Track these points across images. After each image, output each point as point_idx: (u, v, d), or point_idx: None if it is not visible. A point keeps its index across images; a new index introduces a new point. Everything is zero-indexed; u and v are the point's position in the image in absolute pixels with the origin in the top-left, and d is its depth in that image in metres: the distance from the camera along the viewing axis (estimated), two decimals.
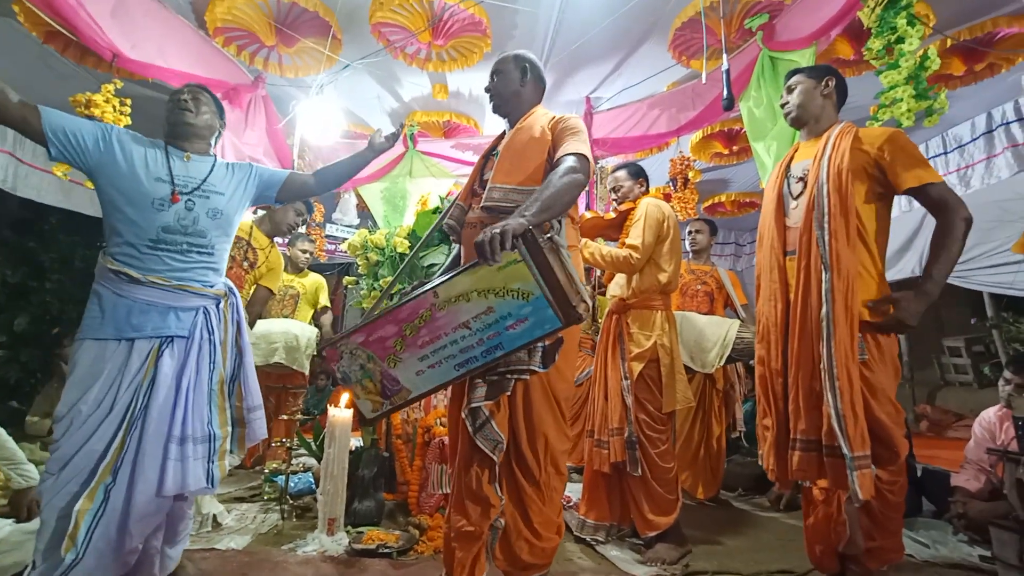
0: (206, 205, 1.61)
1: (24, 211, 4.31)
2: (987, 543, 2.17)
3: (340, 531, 2.18)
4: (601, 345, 2.33)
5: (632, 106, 3.68)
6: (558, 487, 1.52)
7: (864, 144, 1.61)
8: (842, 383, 1.46)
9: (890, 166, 1.57)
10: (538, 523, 1.45)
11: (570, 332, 1.48)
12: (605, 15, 2.93)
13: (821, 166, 1.62)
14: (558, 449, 1.49)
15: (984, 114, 3.61)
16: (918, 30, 1.91)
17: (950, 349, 5.92)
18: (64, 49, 2.76)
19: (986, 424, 2.58)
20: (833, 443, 1.46)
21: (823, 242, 1.56)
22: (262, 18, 2.96)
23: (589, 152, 1.50)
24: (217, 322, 1.63)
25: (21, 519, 2.23)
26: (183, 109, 1.66)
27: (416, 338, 1.28)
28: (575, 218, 1.64)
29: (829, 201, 1.57)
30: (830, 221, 1.55)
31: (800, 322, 1.59)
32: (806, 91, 1.76)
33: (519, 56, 1.72)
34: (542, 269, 1.16)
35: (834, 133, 1.67)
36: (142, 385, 1.48)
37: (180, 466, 1.47)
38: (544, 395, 1.46)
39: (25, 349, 4.14)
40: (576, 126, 1.56)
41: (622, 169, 2.45)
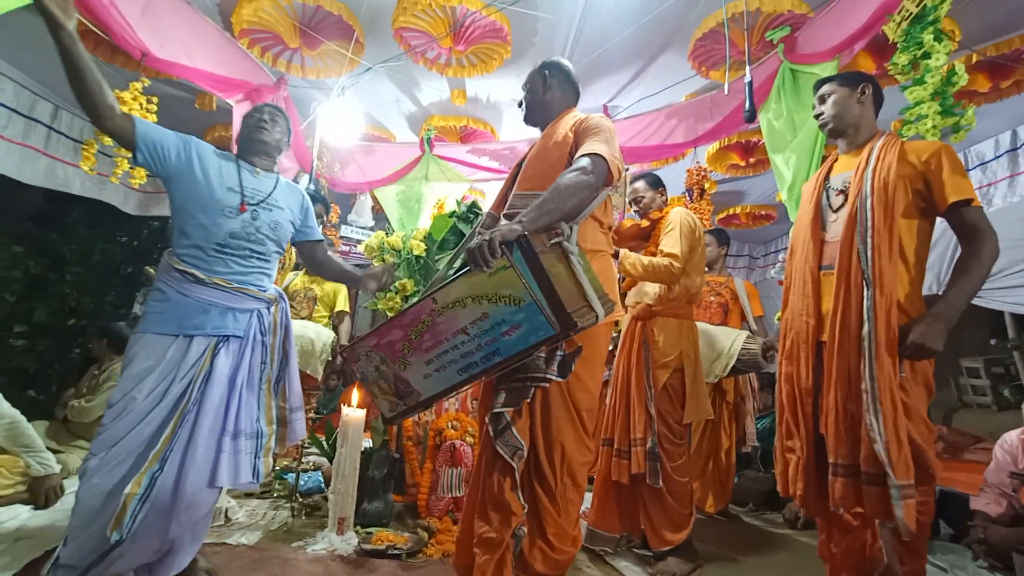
0: (269, 217, 1.73)
1: (47, 204, 4.39)
2: (1008, 570, 2.11)
3: (350, 531, 2.19)
4: (624, 352, 2.28)
5: (650, 115, 3.68)
6: (575, 499, 1.47)
7: (910, 156, 1.55)
8: (885, 407, 1.40)
9: (936, 180, 1.51)
10: (552, 534, 1.43)
11: (593, 341, 1.46)
12: (626, 24, 2.94)
13: (864, 178, 1.55)
14: (576, 460, 1.45)
15: (1009, 131, 3.56)
16: (945, 45, 1.89)
17: (968, 370, 5.80)
18: (95, 48, 2.82)
19: (1008, 447, 2.52)
20: (873, 470, 1.40)
21: (866, 257, 1.49)
22: (287, 20, 3.01)
23: (610, 152, 1.42)
24: (268, 325, 1.73)
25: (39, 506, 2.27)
26: (261, 127, 1.79)
27: (420, 342, 1.30)
28: (603, 221, 1.57)
29: (873, 215, 1.50)
30: (874, 236, 1.49)
31: (839, 340, 1.52)
32: (841, 100, 1.68)
33: (542, 64, 1.73)
34: (535, 275, 1.15)
35: (878, 144, 1.60)
36: (197, 379, 1.55)
37: (233, 459, 1.55)
38: (563, 404, 1.43)
39: (43, 339, 4.21)
40: (598, 125, 1.50)
41: (640, 180, 2.43)
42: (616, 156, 1.45)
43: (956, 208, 1.50)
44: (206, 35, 2.91)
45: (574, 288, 1.21)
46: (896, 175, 1.52)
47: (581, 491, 1.50)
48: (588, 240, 1.48)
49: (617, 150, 1.48)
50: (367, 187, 4.44)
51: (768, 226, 5.44)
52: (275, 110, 1.86)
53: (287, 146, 1.92)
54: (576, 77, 1.75)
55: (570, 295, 1.18)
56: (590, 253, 1.45)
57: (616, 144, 1.50)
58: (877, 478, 1.40)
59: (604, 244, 1.57)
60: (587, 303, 1.21)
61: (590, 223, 1.51)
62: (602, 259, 1.53)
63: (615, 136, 1.52)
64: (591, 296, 1.22)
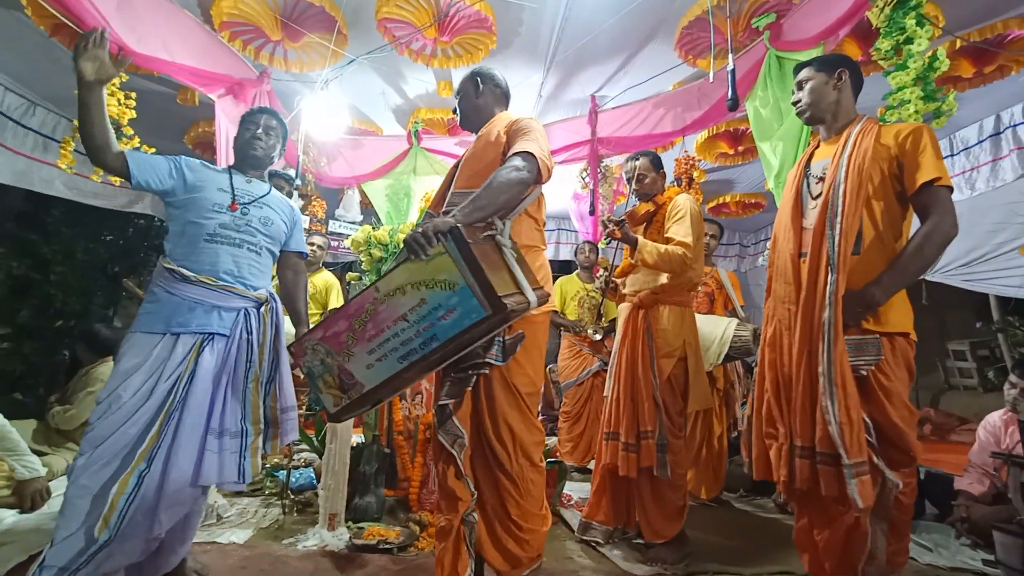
0: (260, 213, 1.78)
1: (27, 204, 4.32)
2: (990, 547, 2.16)
3: (341, 526, 2.19)
4: (625, 342, 2.22)
5: (637, 105, 3.67)
6: (535, 479, 1.54)
7: (886, 139, 1.54)
8: (839, 389, 1.42)
9: (910, 160, 1.49)
10: (516, 515, 1.49)
11: (532, 329, 1.54)
12: (611, 13, 2.92)
13: (840, 165, 1.55)
14: (527, 440, 1.52)
15: (992, 116, 3.58)
16: (927, 31, 1.90)
17: (954, 353, 5.89)
18: (71, 42, 2.76)
19: (991, 428, 2.57)
20: (828, 450, 1.43)
21: (832, 243, 1.50)
22: (268, 12, 2.96)
23: (540, 150, 1.50)
24: (257, 324, 1.72)
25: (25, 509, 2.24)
26: (255, 142, 1.84)
27: (364, 332, 1.33)
28: (537, 218, 1.65)
29: (844, 202, 1.49)
30: (843, 222, 1.48)
31: (800, 325, 1.54)
32: (818, 86, 1.66)
33: (472, 72, 1.83)
34: (467, 261, 1.21)
35: (855, 130, 1.59)
36: (182, 378, 1.56)
37: (217, 458, 1.55)
38: (505, 387, 1.51)
39: (28, 341, 4.15)
40: (527, 126, 1.58)
41: (643, 158, 2.34)
42: (546, 154, 1.53)
43: (922, 188, 1.48)
44: (186, 29, 2.86)
45: (507, 276, 1.28)
46: (871, 160, 1.51)
47: (540, 471, 1.56)
48: (523, 236, 1.57)
49: (547, 149, 1.56)
50: (354, 181, 4.40)
51: (758, 214, 5.46)
52: (271, 118, 1.89)
53: (281, 152, 1.95)
54: (505, 83, 1.85)
55: (501, 281, 1.23)
56: (525, 248, 1.52)
57: (546, 143, 1.58)
58: (831, 458, 1.42)
59: (539, 240, 1.65)
60: (519, 290, 1.28)
61: (525, 220, 1.60)
62: (536, 254, 1.60)
63: (545, 136, 1.60)
64: (523, 284, 1.29)
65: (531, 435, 1.54)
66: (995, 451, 2.46)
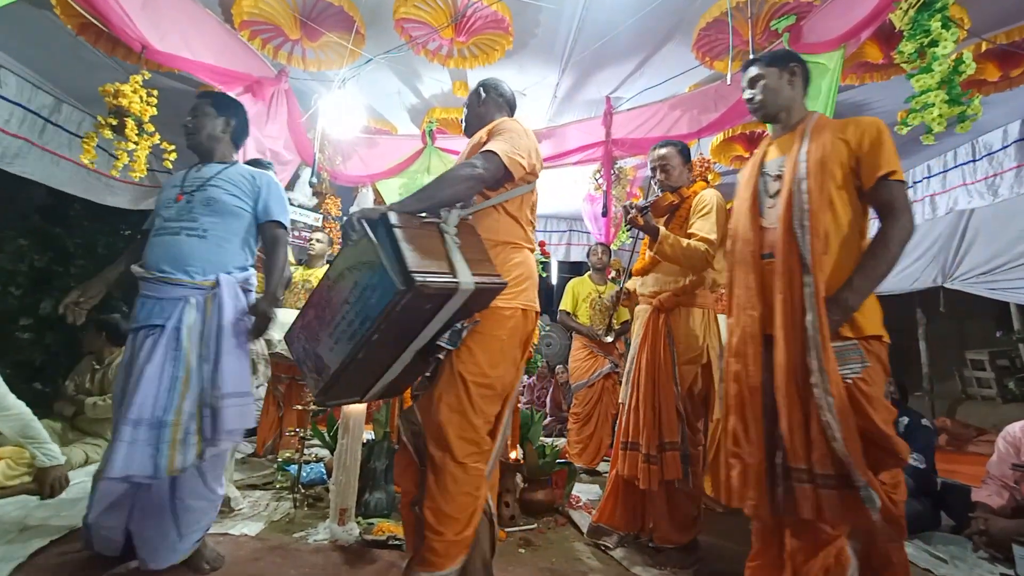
0: (203, 196, 1.79)
1: (50, 198, 4.41)
2: (1008, 561, 2.11)
3: (351, 521, 2.20)
4: (646, 346, 2.12)
5: (653, 106, 3.65)
6: (459, 478, 1.42)
7: (844, 134, 1.50)
8: (838, 400, 1.34)
9: (868, 155, 1.45)
10: (428, 508, 1.41)
11: (492, 318, 1.50)
12: (629, 14, 2.91)
13: (799, 160, 1.50)
14: (451, 431, 1.43)
15: (1018, 121, 3.51)
16: (953, 33, 1.86)
17: (973, 362, 5.78)
18: (96, 40, 2.82)
19: (1011, 439, 2.51)
20: (829, 471, 1.34)
21: (803, 242, 1.43)
22: (287, 12, 2.99)
23: (508, 149, 1.51)
24: (197, 313, 1.70)
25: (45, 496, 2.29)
26: (186, 131, 1.89)
27: (324, 316, 1.39)
28: (518, 216, 1.62)
29: (810, 197, 1.45)
30: (811, 219, 1.43)
31: (784, 331, 1.45)
32: (772, 82, 1.62)
33: (479, 83, 1.87)
34: (388, 241, 1.26)
35: (811, 125, 1.56)
36: (122, 372, 1.71)
37: (128, 449, 1.55)
38: (449, 372, 1.47)
39: (49, 332, 4.24)
40: (503, 128, 1.59)
41: (670, 146, 2.23)
42: (517, 153, 1.52)
43: (879, 182, 1.44)
44: (207, 27, 2.90)
45: (437, 258, 1.30)
46: (832, 154, 1.47)
47: (465, 469, 1.43)
48: (500, 232, 1.58)
49: (523, 148, 1.55)
50: (369, 180, 4.43)
51: None
52: (202, 100, 1.92)
53: (235, 131, 1.95)
54: (511, 93, 1.86)
55: (425, 261, 1.26)
56: (499, 243, 1.56)
57: (523, 143, 1.56)
58: (836, 480, 1.32)
59: (520, 238, 1.62)
60: (449, 272, 1.29)
61: (500, 215, 1.59)
62: (512, 250, 1.59)
63: (523, 137, 1.59)
64: (458, 268, 1.31)
65: (460, 428, 1.44)
66: (1015, 463, 2.40)
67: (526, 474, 2.60)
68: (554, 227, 6.44)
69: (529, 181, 1.64)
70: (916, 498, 2.53)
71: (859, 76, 3.00)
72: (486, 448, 1.50)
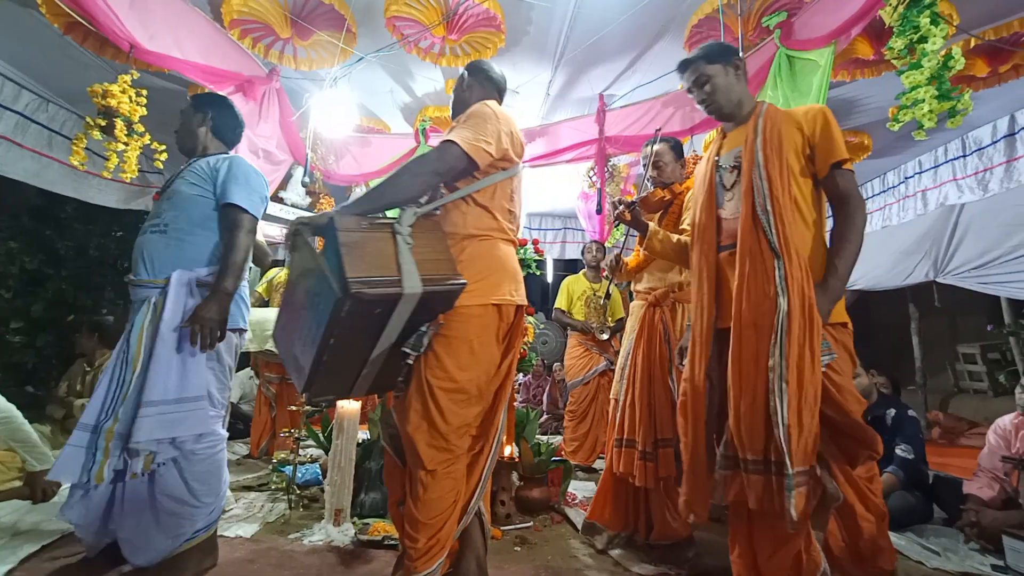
0: (168, 191, 1.79)
1: (41, 199, 4.37)
2: (999, 552, 2.13)
3: (346, 522, 2.20)
4: (641, 342, 2.11)
5: (646, 104, 3.65)
6: (428, 485, 1.37)
7: (796, 122, 1.49)
8: (791, 387, 1.30)
9: (821, 142, 1.46)
10: (406, 513, 1.39)
11: (458, 320, 1.42)
12: (621, 11, 2.91)
13: (756, 149, 1.48)
14: (419, 438, 1.37)
15: (1007, 116, 3.53)
16: (942, 29, 1.87)
17: (965, 356, 5.83)
18: (84, 40, 2.79)
19: (1001, 432, 2.54)
20: (759, 456, 1.32)
21: (770, 227, 1.40)
22: (278, 10, 2.97)
23: (470, 136, 1.43)
24: (152, 313, 1.63)
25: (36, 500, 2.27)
26: (176, 135, 1.95)
27: (292, 319, 1.42)
28: (489, 206, 1.52)
29: (770, 184, 1.43)
30: (774, 204, 1.41)
31: (743, 321, 1.41)
32: (722, 81, 1.57)
33: (464, 67, 1.80)
34: (330, 249, 1.26)
35: (762, 114, 1.53)
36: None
37: (69, 452, 1.54)
38: (417, 379, 1.42)
39: (41, 335, 4.21)
40: (471, 113, 1.51)
41: (663, 143, 2.20)
42: (481, 139, 1.43)
43: (833, 171, 1.46)
44: (196, 26, 2.88)
45: (382, 262, 1.27)
46: (787, 142, 1.47)
47: (435, 477, 1.38)
48: (468, 224, 1.50)
49: (489, 133, 1.46)
50: (362, 179, 4.41)
51: None
52: (184, 108, 1.96)
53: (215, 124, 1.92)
54: (500, 77, 1.78)
55: (368, 266, 1.23)
56: (467, 238, 1.48)
57: (491, 127, 1.47)
58: (764, 465, 1.32)
59: (491, 228, 1.52)
60: (396, 276, 1.27)
61: (469, 207, 1.50)
62: (484, 243, 1.50)
63: (491, 121, 1.48)
64: (406, 271, 1.28)
65: (427, 435, 1.38)
66: (1005, 455, 2.43)
67: (522, 472, 2.61)
68: (549, 225, 6.44)
69: (504, 168, 1.54)
70: (908, 490, 2.55)
71: (850, 72, 3.01)
72: (460, 453, 1.42)
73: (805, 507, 1.27)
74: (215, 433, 1.72)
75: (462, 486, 1.44)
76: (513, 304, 1.52)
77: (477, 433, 1.49)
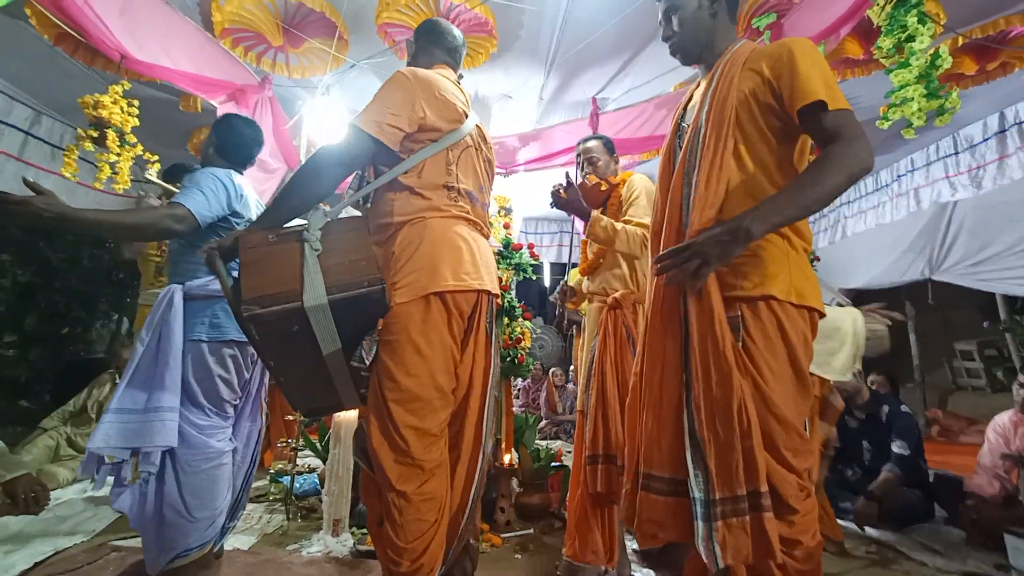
0: None
1: None
2: (1001, 551, 2.13)
3: (345, 532, 2.18)
4: (604, 350, 1.95)
5: (639, 106, 3.66)
6: (401, 508, 1.22)
7: (756, 63, 1.14)
8: (700, 387, 1.04)
9: (787, 82, 1.08)
10: (384, 534, 1.26)
11: (396, 323, 1.28)
12: (612, 14, 2.92)
13: (704, 104, 1.18)
14: (380, 453, 1.24)
15: (997, 113, 3.56)
16: (929, 28, 1.89)
17: (962, 353, 5.85)
18: (74, 51, 2.78)
19: (1000, 429, 2.54)
20: (665, 474, 1.08)
21: (688, 204, 1.14)
22: (269, 18, 2.97)
23: (373, 115, 1.28)
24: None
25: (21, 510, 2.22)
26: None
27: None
28: (417, 185, 1.35)
29: (703, 148, 1.14)
30: (699, 174, 1.13)
31: (652, 309, 1.19)
32: (688, 15, 1.27)
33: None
34: (240, 269, 1.21)
35: (724, 60, 1.21)
36: None
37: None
38: (373, 392, 1.30)
39: (34, 348, 4.18)
40: (382, 86, 1.34)
41: (595, 140, 2.17)
42: (384, 117, 1.28)
43: (809, 115, 1.06)
44: (187, 35, 2.87)
45: (284, 275, 1.20)
46: (736, 92, 1.13)
47: (406, 498, 1.23)
48: (395, 212, 1.35)
49: (395, 105, 1.30)
50: None
51: None
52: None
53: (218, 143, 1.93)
54: (448, 35, 1.63)
55: (261, 285, 1.17)
56: (395, 225, 1.34)
57: (395, 99, 1.31)
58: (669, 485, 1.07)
59: (423, 208, 1.35)
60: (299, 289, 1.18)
61: (396, 192, 1.35)
62: (406, 229, 1.34)
63: (399, 90, 1.33)
64: (307, 284, 1.19)
65: (394, 452, 1.24)
66: (1005, 452, 2.43)
67: (521, 478, 2.59)
68: (544, 229, 6.45)
69: (434, 139, 1.36)
70: (907, 487, 2.54)
71: (840, 72, 3.03)
72: (431, 467, 1.27)
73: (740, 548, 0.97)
74: (207, 446, 1.69)
75: (444, 502, 1.29)
76: (462, 290, 1.32)
77: (451, 442, 1.34)
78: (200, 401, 1.68)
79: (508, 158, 4.09)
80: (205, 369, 1.69)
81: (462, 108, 1.43)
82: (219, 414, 1.73)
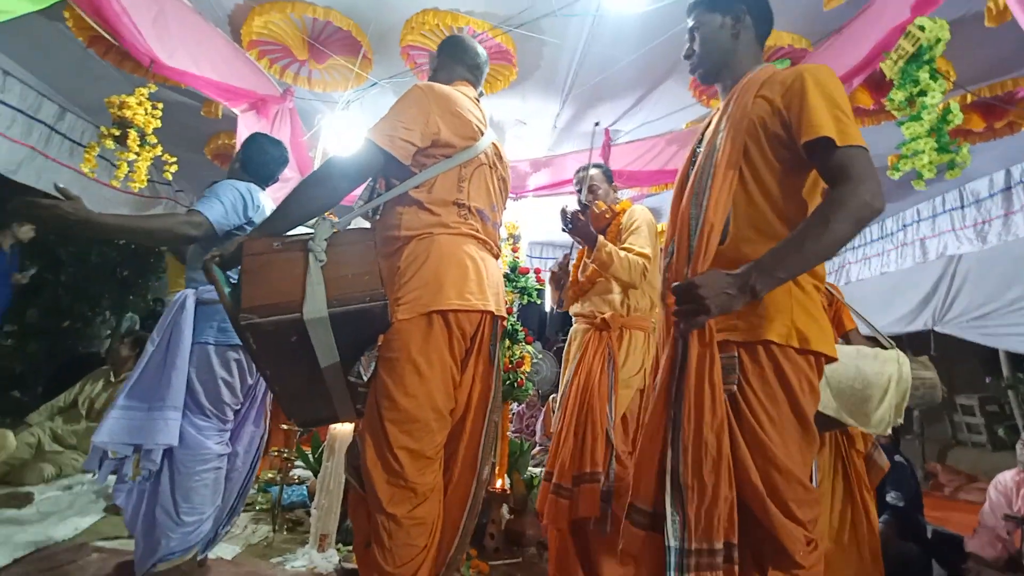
0: None
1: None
2: None
3: (331, 548, 2.13)
4: (583, 368, 1.94)
5: (651, 140, 3.72)
6: (392, 531, 1.19)
7: (768, 90, 1.11)
8: (690, 429, 0.99)
9: (796, 112, 1.04)
10: (371, 557, 1.22)
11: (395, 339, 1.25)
12: (629, 51, 2.99)
13: (718, 130, 1.16)
14: (373, 473, 1.21)
15: (1003, 170, 3.61)
16: (941, 84, 1.93)
17: (963, 407, 5.78)
18: (105, 53, 2.86)
19: (1002, 488, 2.49)
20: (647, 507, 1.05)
21: (695, 228, 1.11)
22: (296, 33, 3.06)
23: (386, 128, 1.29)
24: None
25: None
26: None
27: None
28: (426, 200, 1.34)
29: (714, 174, 1.11)
30: (708, 200, 1.09)
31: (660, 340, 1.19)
32: (710, 33, 1.24)
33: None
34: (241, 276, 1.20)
35: (740, 84, 1.18)
36: None
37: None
38: (370, 410, 1.28)
39: (33, 340, 4.17)
40: (398, 100, 1.34)
41: (596, 168, 2.22)
42: (396, 130, 1.28)
43: (815, 150, 1.02)
44: (215, 45, 2.95)
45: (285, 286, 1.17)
46: (747, 119, 1.10)
47: (397, 522, 1.20)
48: (402, 226, 1.33)
49: (408, 119, 1.30)
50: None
51: None
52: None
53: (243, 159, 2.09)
54: (471, 52, 1.60)
55: (262, 294, 1.15)
56: (402, 240, 1.33)
57: (410, 113, 1.31)
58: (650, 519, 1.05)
59: (432, 224, 1.33)
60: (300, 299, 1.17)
61: (406, 206, 1.34)
62: (413, 244, 1.32)
63: (414, 104, 1.33)
64: (308, 295, 1.17)
65: (387, 473, 1.20)
66: (1008, 514, 2.38)
67: (512, 504, 2.54)
68: (550, 254, 6.49)
69: (447, 155, 1.34)
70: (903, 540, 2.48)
71: None
72: (424, 491, 1.24)
73: None
74: (203, 447, 1.68)
75: (436, 527, 1.26)
76: (465, 310, 1.29)
77: (444, 464, 1.32)
78: (201, 402, 1.70)
79: (519, 183, 4.15)
80: (209, 371, 1.70)
81: (477, 125, 1.42)
82: (218, 416, 1.74)
